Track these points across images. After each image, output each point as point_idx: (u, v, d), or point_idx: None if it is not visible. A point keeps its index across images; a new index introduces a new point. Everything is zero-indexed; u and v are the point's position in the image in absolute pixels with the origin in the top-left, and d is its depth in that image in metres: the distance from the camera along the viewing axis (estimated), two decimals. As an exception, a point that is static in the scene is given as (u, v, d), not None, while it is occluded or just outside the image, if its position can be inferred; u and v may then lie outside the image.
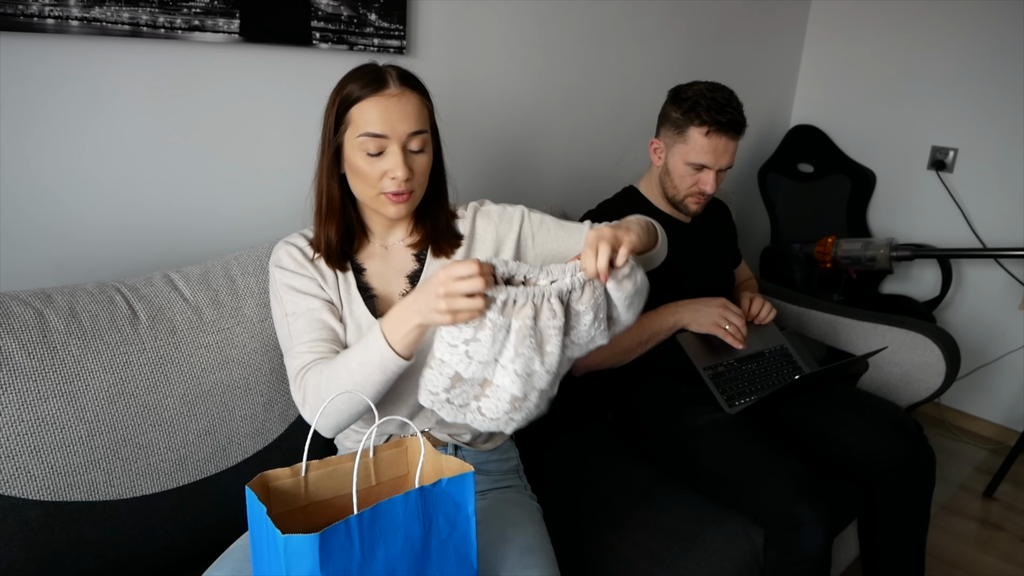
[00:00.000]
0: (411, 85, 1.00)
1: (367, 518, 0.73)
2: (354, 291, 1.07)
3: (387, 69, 1.00)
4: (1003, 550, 1.95)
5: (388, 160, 0.98)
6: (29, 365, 0.96)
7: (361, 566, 0.73)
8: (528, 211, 1.17)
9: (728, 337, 1.45)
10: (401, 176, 0.97)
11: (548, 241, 1.15)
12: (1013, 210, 2.35)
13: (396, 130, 0.97)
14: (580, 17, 1.89)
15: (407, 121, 0.98)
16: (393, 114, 0.97)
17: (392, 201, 1.00)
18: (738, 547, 1.23)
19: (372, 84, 0.97)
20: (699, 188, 1.51)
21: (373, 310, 1.06)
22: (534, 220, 1.16)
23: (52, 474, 0.96)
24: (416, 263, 1.11)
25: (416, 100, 1.00)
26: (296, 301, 1.04)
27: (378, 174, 0.99)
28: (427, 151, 1.02)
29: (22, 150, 1.12)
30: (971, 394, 2.58)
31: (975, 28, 2.33)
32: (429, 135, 1.02)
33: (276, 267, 1.07)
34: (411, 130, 0.98)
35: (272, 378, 1.16)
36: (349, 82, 0.99)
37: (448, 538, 0.81)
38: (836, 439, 1.43)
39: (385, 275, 1.10)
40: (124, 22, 1.14)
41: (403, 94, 0.98)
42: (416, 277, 1.10)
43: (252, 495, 0.76)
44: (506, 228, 1.14)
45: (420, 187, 1.03)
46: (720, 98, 1.44)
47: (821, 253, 2.32)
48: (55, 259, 1.20)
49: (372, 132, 0.97)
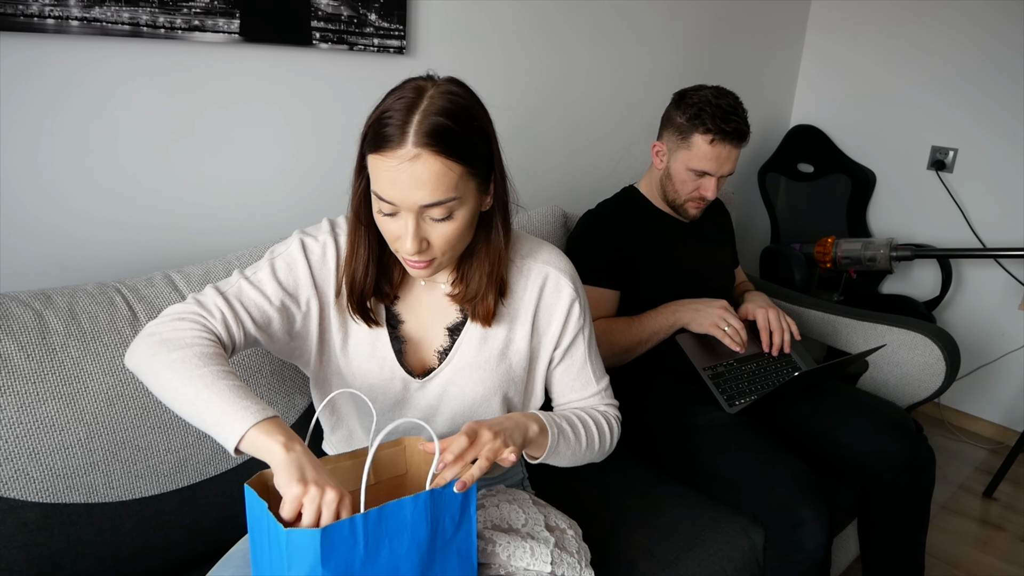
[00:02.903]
0: (435, 144, 0.79)
1: (374, 517, 0.73)
2: (383, 337, 0.97)
3: (417, 116, 0.79)
4: (1003, 550, 1.95)
5: (400, 225, 0.84)
6: (28, 367, 0.96)
7: (364, 563, 0.73)
8: (586, 329, 1.04)
9: (726, 339, 1.44)
10: (410, 249, 0.84)
11: (558, 375, 1.06)
12: (1013, 210, 2.35)
13: (405, 200, 0.81)
14: (580, 17, 1.88)
15: (420, 191, 0.80)
16: (402, 181, 0.80)
17: (409, 265, 0.89)
18: (738, 547, 1.23)
19: (390, 136, 0.79)
20: (700, 193, 1.51)
21: (399, 351, 0.98)
22: (575, 347, 1.04)
23: (51, 476, 0.96)
24: (460, 314, 0.99)
25: (437, 166, 0.79)
26: (268, 281, 0.91)
27: (392, 236, 0.86)
28: (457, 216, 0.84)
29: (22, 150, 1.12)
30: (971, 394, 2.58)
31: (975, 28, 2.33)
32: (462, 199, 0.83)
33: (299, 248, 0.94)
34: (425, 202, 0.81)
35: (272, 380, 1.15)
36: (381, 111, 0.82)
37: (452, 538, 0.82)
38: (836, 439, 1.43)
39: (422, 318, 0.99)
40: (124, 22, 1.14)
41: (420, 157, 0.78)
42: (458, 330, 0.99)
43: (252, 492, 0.76)
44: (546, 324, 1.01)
45: (445, 254, 0.88)
46: (725, 105, 1.44)
47: (821, 253, 2.32)
48: (56, 259, 1.20)
49: (379, 195, 0.83)
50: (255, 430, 0.74)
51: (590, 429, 1.01)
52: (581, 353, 1.05)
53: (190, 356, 0.80)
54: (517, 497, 1.05)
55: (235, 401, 0.76)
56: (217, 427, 0.75)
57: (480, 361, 0.99)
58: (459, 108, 0.82)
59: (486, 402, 1.01)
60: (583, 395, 1.07)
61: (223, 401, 0.76)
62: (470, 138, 0.82)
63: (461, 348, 0.99)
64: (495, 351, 0.99)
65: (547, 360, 1.04)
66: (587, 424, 1.02)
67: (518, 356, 1.01)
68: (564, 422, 0.98)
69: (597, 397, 1.08)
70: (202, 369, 0.78)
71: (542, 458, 0.94)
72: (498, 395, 1.01)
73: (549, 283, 1.01)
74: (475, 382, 0.99)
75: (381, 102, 0.84)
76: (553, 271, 1.01)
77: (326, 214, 1.49)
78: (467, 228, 0.87)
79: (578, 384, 1.07)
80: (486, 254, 0.94)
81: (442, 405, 1.00)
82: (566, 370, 1.06)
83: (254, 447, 0.74)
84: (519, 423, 0.89)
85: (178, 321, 0.85)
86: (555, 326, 1.02)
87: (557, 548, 0.94)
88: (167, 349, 0.81)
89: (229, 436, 0.74)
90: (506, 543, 0.92)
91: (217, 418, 0.75)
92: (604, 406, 1.09)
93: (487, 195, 0.90)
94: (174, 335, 0.83)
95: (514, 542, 0.92)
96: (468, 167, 0.82)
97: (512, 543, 0.92)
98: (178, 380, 0.78)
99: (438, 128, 0.79)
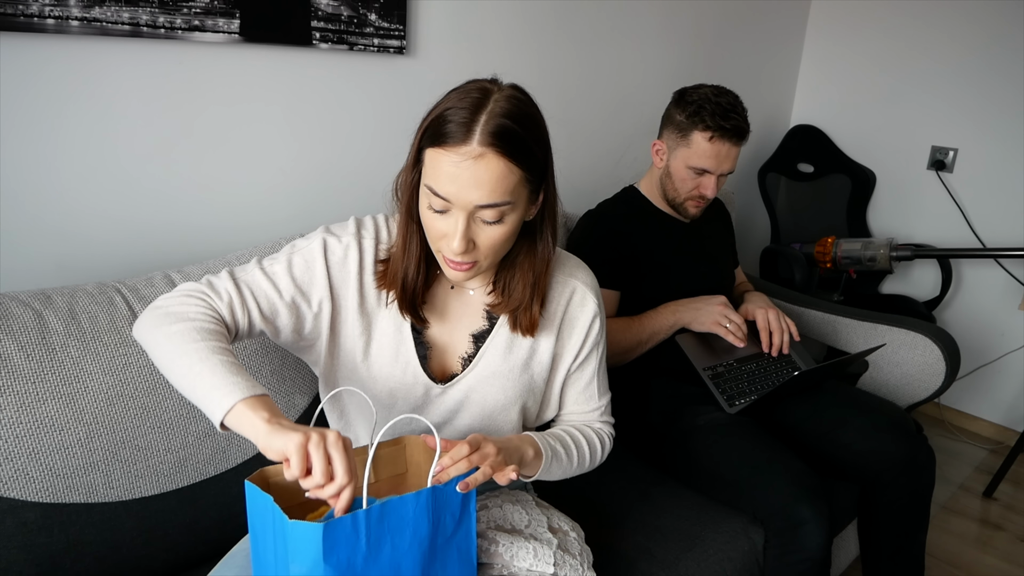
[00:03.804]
0: (501, 145, 0.79)
1: (376, 514, 0.74)
2: (406, 329, 0.96)
3: (484, 116, 0.80)
4: (1003, 550, 1.95)
5: (448, 223, 0.83)
6: (28, 367, 0.96)
7: (366, 559, 0.74)
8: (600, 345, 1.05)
9: (729, 335, 1.45)
10: (456, 249, 0.83)
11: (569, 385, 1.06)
12: (1013, 210, 2.35)
13: (461, 198, 0.80)
14: (580, 17, 1.88)
15: (479, 191, 0.80)
16: (463, 178, 0.79)
17: (450, 266, 0.87)
18: (738, 547, 1.23)
19: (454, 132, 0.79)
20: (700, 192, 1.51)
21: (423, 357, 0.96)
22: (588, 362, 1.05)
23: (51, 476, 0.96)
24: (486, 322, 0.98)
25: (499, 167, 0.79)
26: (282, 275, 0.91)
27: (438, 234, 0.85)
28: (507, 222, 0.84)
29: (22, 150, 1.12)
30: (971, 394, 2.58)
31: (975, 28, 2.33)
32: (515, 205, 0.83)
33: (320, 247, 0.92)
34: (481, 202, 0.81)
35: (273, 380, 1.15)
36: (444, 108, 0.82)
37: (452, 535, 0.82)
38: (836, 439, 1.43)
39: (447, 324, 0.98)
40: (124, 22, 1.14)
41: (484, 156, 0.79)
42: (483, 338, 0.98)
43: (253, 487, 0.76)
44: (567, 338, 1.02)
45: (488, 259, 0.87)
46: (725, 103, 1.44)
47: (821, 253, 2.32)
48: (56, 259, 1.20)
49: (434, 190, 0.82)
50: (242, 404, 0.73)
51: (582, 449, 1.03)
52: (592, 368, 1.06)
53: (189, 329, 0.80)
54: (520, 498, 1.05)
55: (226, 376, 0.76)
56: (206, 399, 0.75)
57: (504, 370, 0.99)
58: (524, 114, 0.83)
59: (505, 411, 1.01)
60: (584, 409, 1.08)
61: (214, 375, 0.76)
62: (532, 144, 0.83)
63: (486, 356, 0.98)
64: (519, 361, 0.99)
65: (565, 372, 1.04)
66: (580, 444, 1.03)
67: (540, 367, 1.01)
68: (558, 444, 0.99)
69: (596, 413, 1.09)
70: (199, 343, 0.79)
71: (534, 478, 0.95)
72: (517, 404, 1.01)
73: (576, 297, 1.01)
74: (497, 390, 0.99)
75: (443, 99, 0.84)
76: (580, 285, 1.01)
77: (326, 213, 1.50)
78: (513, 234, 0.87)
79: (582, 398, 1.07)
80: (530, 264, 0.94)
81: (461, 411, 1.00)
82: (575, 383, 1.06)
83: (239, 422, 0.73)
84: (517, 447, 0.90)
85: (186, 297, 0.86)
86: (575, 339, 1.02)
87: (560, 550, 0.94)
88: (169, 321, 0.82)
89: (216, 410, 0.74)
90: (509, 544, 0.92)
91: (207, 390, 0.75)
92: (600, 423, 1.10)
93: (535, 205, 0.90)
94: (178, 309, 0.84)
95: (517, 543, 0.92)
96: (527, 173, 0.83)
97: (515, 544, 0.92)
98: (175, 352, 0.79)
99: (505, 130, 0.79)
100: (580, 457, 1.02)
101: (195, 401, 0.77)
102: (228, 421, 0.74)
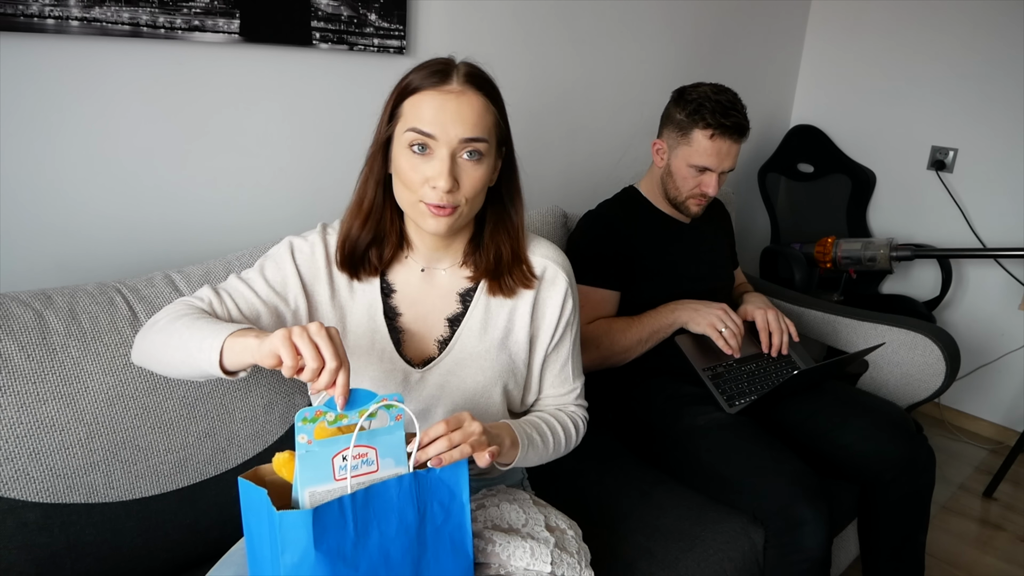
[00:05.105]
0: (477, 85, 0.88)
1: (360, 498, 0.75)
2: (379, 318, 0.98)
3: (457, 64, 0.90)
4: (1003, 550, 1.95)
5: (433, 165, 0.87)
6: (28, 367, 0.96)
7: (355, 545, 0.75)
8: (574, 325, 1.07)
9: (720, 341, 1.43)
10: (443, 186, 0.86)
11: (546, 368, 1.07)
12: (1013, 210, 2.35)
13: (447, 132, 0.86)
14: (580, 17, 1.88)
15: (462, 125, 0.86)
16: (447, 113, 0.85)
17: (432, 213, 0.88)
18: (738, 547, 1.23)
19: (433, 76, 0.87)
20: (701, 190, 1.51)
21: (397, 342, 0.98)
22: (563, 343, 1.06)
23: (51, 476, 0.96)
24: (460, 305, 1.00)
25: (479, 103, 0.88)
26: (257, 279, 0.95)
27: (420, 179, 0.88)
28: (484, 163, 0.89)
29: (22, 150, 1.12)
30: (971, 394, 2.58)
31: (975, 28, 2.33)
32: (490, 145, 0.90)
33: (287, 248, 0.97)
34: (464, 135, 0.86)
35: (272, 380, 1.15)
36: (413, 72, 0.89)
37: (443, 525, 0.83)
38: (836, 439, 1.43)
39: (420, 309, 1.00)
40: (124, 22, 1.14)
41: (464, 93, 0.87)
42: (458, 321, 1.00)
43: (247, 484, 0.77)
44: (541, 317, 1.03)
45: (469, 204, 0.90)
46: (725, 101, 1.44)
47: (821, 253, 2.32)
48: (56, 259, 1.20)
49: (419, 128, 0.86)
50: (231, 338, 0.78)
51: (557, 434, 1.03)
52: (567, 349, 1.07)
53: (172, 315, 0.88)
54: (517, 497, 1.05)
55: (212, 326, 0.81)
56: (199, 352, 0.79)
57: (481, 350, 1.00)
58: (486, 74, 0.92)
59: (487, 392, 1.02)
60: (560, 391, 1.09)
61: (200, 331, 0.81)
62: (498, 95, 0.93)
63: (462, 337, 1.00)
64: (495, 340, 1.01)
65: (544, 353, 1.05)
66: (555, 430, 1.03)
67: (517, 347, 1.03)
68: (534, 431, 0.99)
69: (572, 395, 1.10)
70: (184, 318, 0.85)
71: (510, 467, 0.96)
72: (498, 385, 1.02)
73: (547, 275, 1.03)
74: (476, 371, 1.00)
75: (409, 72, 0.90)
76: (551, 264, 1.03)
77: (325, 213, 1.50)
78: (487, 180, 0.92)
79: (558, 380, 1.09)
80: (505, 231, 0.98)
81: (443, 395, 1.01)
82: (551, 365, 1.08)
83: (233, 352, 0.77)
84: (497, 434, 0.91)
85: (166, 308, 0.92)
86: (549, 319, 1.04)
87: (557, 548, 0.94)
88: (154, 328, 0.88)
89: (211, 354, 0.78)
90: (506, 543, 0.92)
91: (199, 343, 0.80)
92: (574, 406, 1.11)
93: (499, 161, 0.95)
94: (158, 316, 0.90)
95: (514, 542, 0.92)
96: (499, 117, 0.92)
97: (512, 543, 0.92)
98: (165, 334, 0.85)
99: (478, 72, 0.90)
100: (556, 443, 1.03)
101: (193, 363, 0.81)
102: (225, 359, 0.78)
